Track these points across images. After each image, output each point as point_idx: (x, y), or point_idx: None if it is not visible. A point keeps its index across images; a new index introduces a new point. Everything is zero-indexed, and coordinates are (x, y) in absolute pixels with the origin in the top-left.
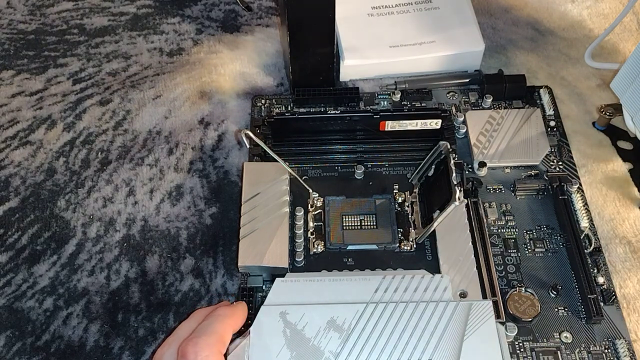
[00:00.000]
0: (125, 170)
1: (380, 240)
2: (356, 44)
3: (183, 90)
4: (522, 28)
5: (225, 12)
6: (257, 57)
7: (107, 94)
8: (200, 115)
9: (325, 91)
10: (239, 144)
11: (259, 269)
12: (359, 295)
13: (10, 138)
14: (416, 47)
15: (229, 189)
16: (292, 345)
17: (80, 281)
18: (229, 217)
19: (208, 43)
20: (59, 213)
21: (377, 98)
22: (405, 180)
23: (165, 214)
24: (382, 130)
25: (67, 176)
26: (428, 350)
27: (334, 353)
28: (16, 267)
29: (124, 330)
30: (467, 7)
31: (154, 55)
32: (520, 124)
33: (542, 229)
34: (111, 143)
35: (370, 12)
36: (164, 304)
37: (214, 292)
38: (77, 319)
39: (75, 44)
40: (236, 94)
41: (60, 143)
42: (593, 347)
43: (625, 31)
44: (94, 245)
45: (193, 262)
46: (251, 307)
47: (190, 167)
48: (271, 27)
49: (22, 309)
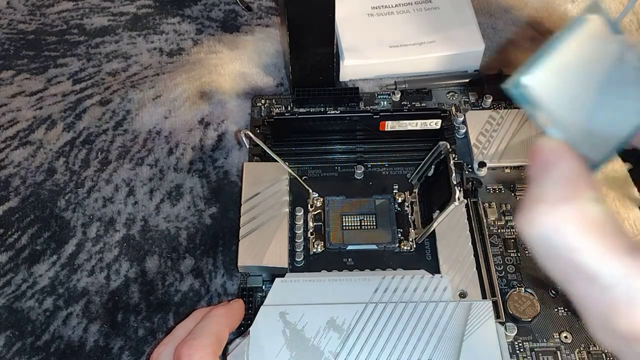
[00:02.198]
0: (125, 170)
1: (380, 240)
2: (356, 44)
3: (183, 90)
4: (522, 28)
5: (225, 12)
6: (257, 57)
7: (107, 94)
8: (200, 115)
9: (325, 91)
10: (239, 144)
11: (259, 269)
12: (358, 295)
13: (10, 138)
14: (416, 47)
15: (229, 189)
16: (292, 345)
17: (80, 281)
18: (228, 217)
19: (208, 43)
20: (59, 213)
21: (377, 98)
22: (405, 180)
23: (165, 214)
24: (382, 130)
25: (67, 176)
26: (428, 350)
27: (333, 353)
28: (16, 267)
29: (124, 330)
30: (467, 7)
31: (154, 55)
32: (520, 124)
33: None
34: (111, 143)
35: (370, 12)
36: (163, 304)
37: (214, 292)
38: (77, 319)
39: (75, 44)
40: (236, 94)
41: (60, 143)
42: (593, 348)
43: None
44: (94, 245)
45: (193, 262)
46: (251, 307)
47: (190, 167)
48: (271, 27)
49: (22, 309)
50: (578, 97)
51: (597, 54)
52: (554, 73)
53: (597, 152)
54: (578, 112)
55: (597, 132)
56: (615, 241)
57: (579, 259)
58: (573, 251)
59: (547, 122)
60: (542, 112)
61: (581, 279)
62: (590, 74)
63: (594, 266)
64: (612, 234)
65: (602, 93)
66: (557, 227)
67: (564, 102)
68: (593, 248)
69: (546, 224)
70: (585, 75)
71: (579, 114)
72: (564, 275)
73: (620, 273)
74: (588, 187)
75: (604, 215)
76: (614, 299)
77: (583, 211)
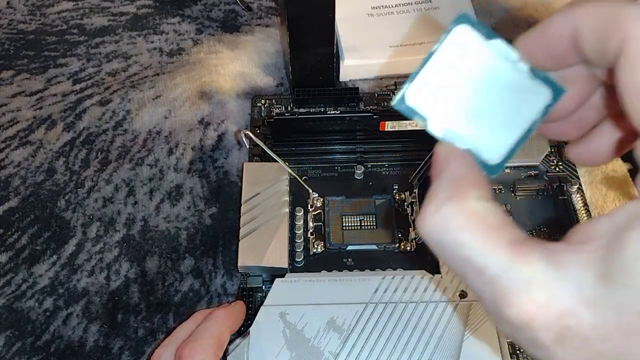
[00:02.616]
0: (125, 170)
1: (380, 240)
2: (356, 44)
3: (183, 91)
4: (522, 28)
5: (225, 12)
6: (257, 57)
7: (107, 94)
8: (200, 116)
9: (325, 91)
10: (239, 144)
11: (259, 269)
12: (358, 295)
13: (10, 138)
14: (416, 47)
15: (229, 189)
16: (292, 345)
17: (80, 281)
18: (228, 218)
19: (208, 43)
20: (59, 213)
21: (377, 98)
22: (405, 180)
23: (165, 214)
24: (382, 131)
25: (67, 176)
26: (428, 351)
27: (333, 353)
28: (16, 267)
29: (124, 330)
30: (468, 7)
31: (154, 55)
32: None
33: (542, 230)
34: (111, 143)
35: (370, 12)
36: (163, 304)
37: (214, 293)
38: (76, 319)
39: (75, 44)
40: (236, 94)
41: (60, 143)
42: None
43: None
44: (94, 246)
45: (193, 263)
46: (251, 308)
47: (190, 167)
48: (271, 27)
49: (22, 309)
50: (462, 103)
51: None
52: (432, 84)
53: (495, 153)
54: (466, 118)
55: (489, 134)
56: (498, 234)
57: (466, 253)
58: (460, 246)
59: (437, 130)
60: (431, 121)
61: (471, 272)
62: (469, 80)
63: (480, 259)
64: (495, 227)
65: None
66: (443, 225)
67: (449, 109)
68: (477, 242)
69: (434, 222)
70: (465, 82)
71: (468, 120)
72: (458, 269)
73: (504, 264)
74: (472, 186)
75: (487, 210)
76: (501, 289)
77: (466, 208)
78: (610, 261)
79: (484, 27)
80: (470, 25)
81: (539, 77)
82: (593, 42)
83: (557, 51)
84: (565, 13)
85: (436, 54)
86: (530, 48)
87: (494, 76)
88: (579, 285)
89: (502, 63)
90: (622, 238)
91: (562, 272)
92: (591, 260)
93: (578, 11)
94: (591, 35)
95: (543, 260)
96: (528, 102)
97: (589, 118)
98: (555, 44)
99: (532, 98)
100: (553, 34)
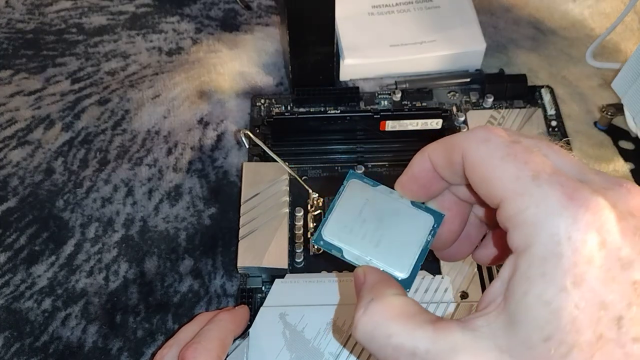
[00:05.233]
0: (123, 170)
1: None
2: (356, 43)
3: (182, 90)
4: (523, 27)
5: (224, 11)
6: (257, 57)
7: (106, 93)
8: (199, 115)
9: (325, 91)
10: (238, 143)
11: (259, 270)
12: None
13: (9, 138)
14: (417, 47)
15: (228, 190)
16: (292, 346)
17: (79, 282)
18: (228, 218)
19: (207, 42)
20: (58, 213)
21: (377, 98)
22: None
23: (164, 215)
24: (383, 130)
25: (65, 176)
26: None
27: (333, 354)
28: (14, 268)
29: (123, 331)
30: (468, 6)
31: (153, 55)
32: (521, 124)
33: None
34: (110, 143)
35: (371, 11)
36: (162, 305)
37: (213, 293)
38: (75, 319)
39: (73, 43)
40: (235, 93)
41: (58, 143)
42: None
43: (626, 30)
44: (93, 246)
45: (192, 263)
46: (250, 308)
47: (189, 167)
48: (271, 26)
49: (21, 309)
50: (366, 234)
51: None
52: (339, 223)
53: (402, 270)
54: (372, 244)
55: (394, 255)
56: (420, 318)
57: (397, 341)
58: (390, 336)
59: (351, 257)
60: (345, 251)
61: (405, 357)
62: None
63: (409, 342)
64: (415, 314)
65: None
66: (373, 322)
67: (357, 240)
68: (403, 329)
69: (365, 322)
70: (366, 217)
71: (374, 245)
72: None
73: (430, 340)
74: (388, 287)
75: (405, 302)
76: None
77: (388, 303)
78: (508, 309)
79: (369, 179)
80: (359, 179)
81: (421, 207)
82: (445, 165)
83: (425, 182)
84: (422, 152)
85: (340, 199)
86: (406, 185)
87: (386, 211)
88: (493, 339)
89: (390, 201)
90: (510, 286)
91: (477, 334)
92: (495, 317)
93: (429, 148)
94: (442, 160)
95: (460, 330)
96: (417, 228)
97: (474, 235)
98: (422, 177)
99: (420, 224)
100: (418, 170)
